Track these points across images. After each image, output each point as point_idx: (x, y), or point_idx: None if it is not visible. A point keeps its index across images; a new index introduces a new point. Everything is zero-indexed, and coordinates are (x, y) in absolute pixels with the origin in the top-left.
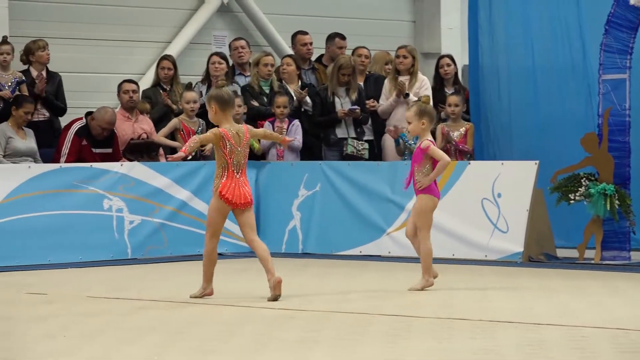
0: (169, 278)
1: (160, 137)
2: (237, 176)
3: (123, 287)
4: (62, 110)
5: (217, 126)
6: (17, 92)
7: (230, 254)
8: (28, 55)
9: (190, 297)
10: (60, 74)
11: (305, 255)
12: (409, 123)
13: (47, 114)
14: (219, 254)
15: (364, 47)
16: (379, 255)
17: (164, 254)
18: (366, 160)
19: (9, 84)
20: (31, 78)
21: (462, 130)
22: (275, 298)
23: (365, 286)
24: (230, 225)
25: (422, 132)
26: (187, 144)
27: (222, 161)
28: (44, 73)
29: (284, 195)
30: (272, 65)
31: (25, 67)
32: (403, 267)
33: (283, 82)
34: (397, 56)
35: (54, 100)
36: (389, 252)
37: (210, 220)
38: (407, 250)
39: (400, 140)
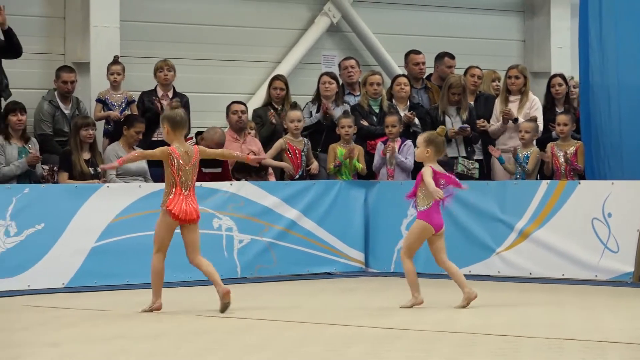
0: (278, 297)
1: (267, 158)
2: (185, 193)
3: (232, 306)
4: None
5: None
6: (126, 112)
7: (339, 273)
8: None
9: (142, 310)
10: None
11: None
12: (417, 147)
13: None
14: (327, 274)
15: (476, 67)
16: (488, 275)
17: (273, 273)
18: (476, 179)
19: (119, 103)
20: (156, 97)
21: (572, 149)
22: (224, 307)
23: (473, 305)
24: (339, 244)
25: (426, 159)
26: (128, 155)
27: (171, 178)
28: (169, 93)
29: (393, 214)
30: (379, 84)
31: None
32: (512, 287)
33: (393, 101)
34: (509, 77)
35: None
36: (499, 272)
37: (157, 235)
38: (517, 270)
39: (506, 158)
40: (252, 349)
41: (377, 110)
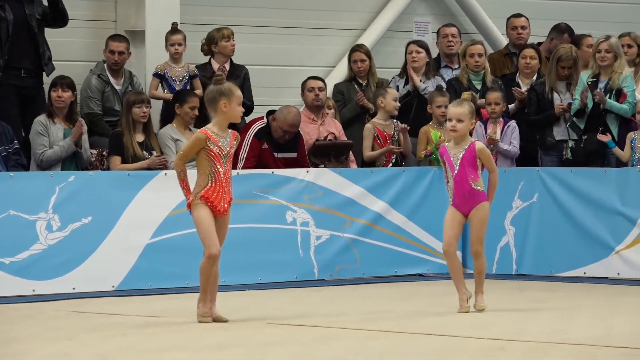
0: (361, 302)
1: (367, 152)
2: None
3: (309, 313)
4: (248, 109)
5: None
6: (188, 88)
7: (432, 274)
8: (210, 45)
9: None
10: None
11: (519, 276)
12: (461, 121)
13: None
14: (419, 275)
15: (588, 36)
16: (607, 277)
17: (356, 275)
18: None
19: (180, 78)
20: (212, 71)
21: None
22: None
23: (590, 313)
24: (432, 241)
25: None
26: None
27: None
28: (227, 66)
29: (495, 207)
30: (481, 55)
31: (207, 58)
32: (634, 291)
33: (518, 76)
34: (622, 45)
35: None
36: (618, 274)
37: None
38: None
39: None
40: None
41: (478, 87)
